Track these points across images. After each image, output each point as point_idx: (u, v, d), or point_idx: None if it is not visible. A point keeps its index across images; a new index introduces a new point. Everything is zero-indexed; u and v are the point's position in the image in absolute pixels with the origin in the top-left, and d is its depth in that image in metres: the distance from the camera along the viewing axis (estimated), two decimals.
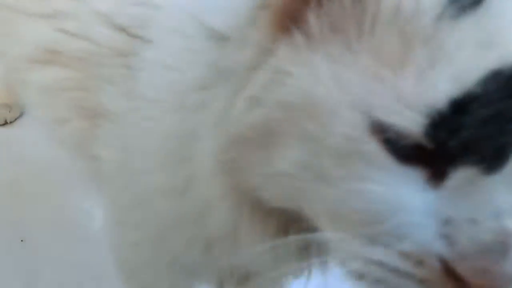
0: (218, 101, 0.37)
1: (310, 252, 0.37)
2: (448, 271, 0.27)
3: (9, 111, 1.23)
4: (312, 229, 0.34)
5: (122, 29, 0.52)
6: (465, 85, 0.26)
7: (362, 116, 0.28)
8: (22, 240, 0.98)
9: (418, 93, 0.27)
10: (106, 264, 0.70)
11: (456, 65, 0.27)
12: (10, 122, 1.24)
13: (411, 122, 0.27)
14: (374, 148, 0.28)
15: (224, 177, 0.37)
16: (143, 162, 0.48)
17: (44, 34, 0.58)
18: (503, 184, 0.26)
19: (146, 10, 0.51)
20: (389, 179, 0.28)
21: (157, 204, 0.48)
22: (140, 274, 0.61)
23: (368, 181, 0.28)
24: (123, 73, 0.51)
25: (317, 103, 0.30)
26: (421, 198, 0.28)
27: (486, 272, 0.26)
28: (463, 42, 0.27)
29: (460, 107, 0.26)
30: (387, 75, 0.28)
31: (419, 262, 0.27)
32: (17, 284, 0.91)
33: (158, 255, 0.54)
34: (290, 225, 0.37)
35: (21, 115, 1.24)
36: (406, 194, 0.28)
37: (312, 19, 0.31)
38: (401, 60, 0.28)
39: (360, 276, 0.30)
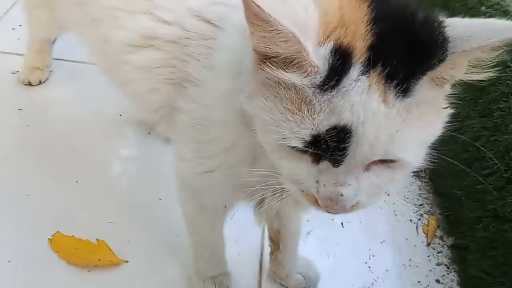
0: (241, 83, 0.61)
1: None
2: (315, 201, 0.56)
3: (42, 73, 1.50)
4: None
5: (207, 21, 0.73)
6: (320, 130, 0.51)
7: (279, 136, 0.54)
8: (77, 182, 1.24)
9: (298, 129, 0.52)
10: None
11: (317, 119, 0.51)
12: (43, 82, 1.51)
13: (295, 142, 0.52)
14: (286, 148, 0.54)
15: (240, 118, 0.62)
16: (215, 111, 0.71)
17: (143, 24, 0.78)
18: (341, 172, 0.53)
19: (224, 8, 0.72)
20: (297, 161, 0.56)
21: (224, 137, 0.71)
22: (207, 196, 0.84)
23: (288, 161, 0.56)
24: (205, 52, 0.72)
25: (265, 119, 0.55)
26: (308, 169, 0.55)
27: (328, 206, 0.55)
28: (316, 108, 0.51)
29: (319, 138, 0.51)
30: (287, 115, 0.53)
31: (307, 194, 0.57)
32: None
33: (227, 178, 0.76)
34: None
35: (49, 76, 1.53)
36: (303, 167, 0.56)
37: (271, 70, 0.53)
38: (295, 109, 0.52)
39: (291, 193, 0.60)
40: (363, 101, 0.49)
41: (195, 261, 1.05)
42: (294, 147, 0.53)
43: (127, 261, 1.09)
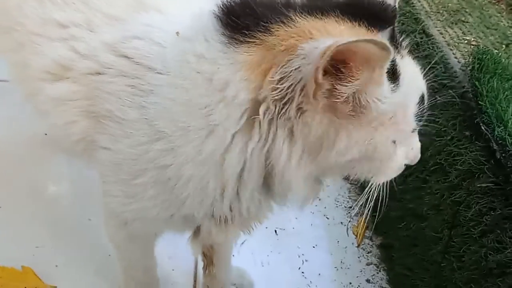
0: (286, 150, 0.58)
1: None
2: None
3: None
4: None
5: (125, 57, 0.67)
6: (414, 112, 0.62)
7: (393, 143, 0.62)
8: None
9: (408, 127, 0.63)
10: None
11: (412, 108, 0.61)
12: None
13: (405, 138, 0.64)
14: (392, 149, 0.62)
15: (311, 178, 0.65)
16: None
17: (60, 52, 0.72)
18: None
19: (145, 44, 0.66)
20: (395, 150, 0.63)
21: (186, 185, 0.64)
22: (138, 226, 0.79)
23: (395, 157, 0.63)
24: (128, 90, 0.66)
25: (377, 147, 0.59)
26: (400, 149, 0.64)
27: (414, 161, 0.70)
28: (407, 96, 0.60)
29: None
30: (395, 126, 0.60)
31: (400, 168, 0.68)
32: None
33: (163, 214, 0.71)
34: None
35: None
36: (398, 151, 0.63)
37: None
38: (397, 119, 0.60)
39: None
40: (413, 67, 0.66)
41: (125, 284, 1.03)
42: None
43: (55, 287, 1.06)
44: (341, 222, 1.34)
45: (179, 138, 0.61)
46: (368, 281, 1.21)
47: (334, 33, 0.55)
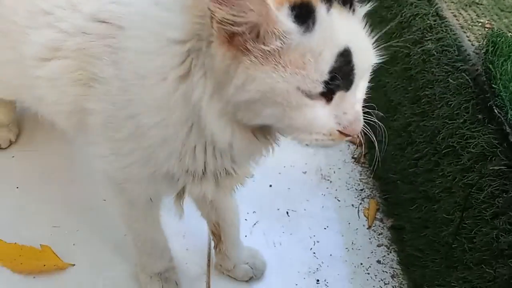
0: (201, 86, 0.63)
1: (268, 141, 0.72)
2: (341, 132, 0.62)
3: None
4: (268, 132, 0.70)
5: (102, 21, 0.75)
6: (330, 66, 0.58)
7: (297, 90, 0.59)
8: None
9: (316, 75, 0.58)
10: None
11: (324, 56, 0.58)
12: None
13: (318, 86, 0.59)
14: (305, 99, 0.59)
15: (226, 117, 0.64)
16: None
17: (49, 37, 0.80)
18: (352, 92, 0.62)
19: (117, 7, 0.74)
20: (313, 108, 0.60)
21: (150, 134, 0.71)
22: (130, 188, 0.86)
23: (304, 111, 0.60)
24: (106, 50, 0.74)
25: (276, 90, 0.58)
26: (325, 110, 0.61)
27: (356, 128, 0.63)
28: (317, 50, 0.58)
29: (334, 70, 0.58)
30: (300, 72, 0.58)
31: (331, 134, 0.63)
32: None
33: (145, 170, 0.78)
34: (256, 132, 0.68)
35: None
36: (320, 111, 0.61)
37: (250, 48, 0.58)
38: (302, 63, 0.58)
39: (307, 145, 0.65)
40: (345, 24, 0.61)
41: (139, 258, 1.07)
42: (317, 92, 0.59)
43: (74, 265, 1.09)
44: (352, 205, 1.35)
45: (139, 87, 0.69)
46: (379, 262, 1.23)
47: None
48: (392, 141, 1.30)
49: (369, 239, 1.28)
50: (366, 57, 0.63)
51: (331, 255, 1.22)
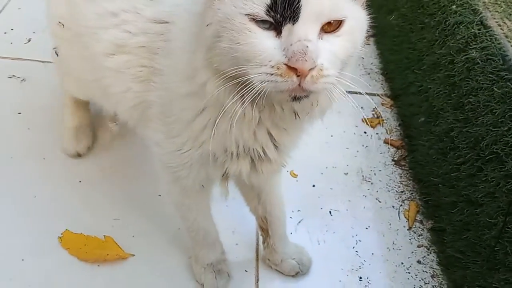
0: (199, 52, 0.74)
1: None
2: (288, 67, 0.63)
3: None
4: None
5: (160, 21, 0.89)
6: None
7: (245, 16, 0.65)
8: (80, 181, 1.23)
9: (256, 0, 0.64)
10: None
11: None
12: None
13: (260, 11, 0.64)
14: (251, 25, 0.65)
15: (209, 66, 0.73)
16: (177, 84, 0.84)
17: (115, 36, 0.94)
18: (299, 27, 0.63)
19: (168, 7, 0.89)
20: (260, 36, 0.65)
21: (187, 108, 0.84)
22: (184, 174, 0.95)
23: (251, 37, 0.65)
24: (162, 45, 0.88)
25: (228, 15, 0.66)
26: (273, 42, 0.65)
27: (299, 60, 0.62)
28: None
29: (274, 2, 0.63)
30: None
31: (279, 67, 0.63)
32: None
33: (195, 151, 0.88)
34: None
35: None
36: (268, 41, 0.65)
37: None
38: None
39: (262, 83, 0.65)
40: None
41: (193, 249, 1.15)
42: (259, 18, 0.64)
43: (133, 255, 1.18)
44: (393, 206, 1.40)
45: (172, 76, 0.84)
46: (419, 262, 1.27)
47: None
48: (434, 145, 1.35)
49: (409, 239, 1.32)
50: (319, 3, 0.64)
51: (372, 254, 1.27)
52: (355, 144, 1.56)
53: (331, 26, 0.66)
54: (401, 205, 1.40)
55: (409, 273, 1.25)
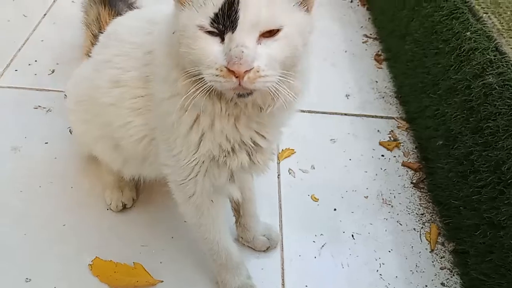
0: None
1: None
2: (228, 69, 0.73)
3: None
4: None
5: (147, 53, 0.98)
6: (217, 7, 0.73)
7: (196, 26, 0.75)
8: (107, 209, 1.16)
9: (205, 12, 0.74)
10: None
11: (215, 2, 0.74)
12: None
13: (206, 24, 0.74)
14: (201, 33, 0.75)
15: (177, 67, 0.84)
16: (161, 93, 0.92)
17: (109, 74, 1.04)
18: (239, 36, 0.72)
19: (153, 38, 0.96)
20: (208, 43, 0.75)
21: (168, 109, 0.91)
22: (191, 186, 1.01)
23: (201, 44, 0.75)
24: (151, 71, 0.97)
25: (185, 25, 0.77)
26: (218, 47, 0.75)
27: (235, 63, 0.72)
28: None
29: (218, 13, 0.73)
30: (198, 10, 0.75)
31: (221, 70, 0.73)
32: None
33: (193, 158, 0.95)
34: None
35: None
36: (214, 46, 0.75)
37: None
38: (202, 3, 0.75)
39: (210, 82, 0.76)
40: None
41: (218, 274, 1.18)
42: (205, 28, 0.75)
43: (162, 281, 1.20)
44: (414, 228, 1.42)
45: (157, 87, 0.93)
46: (443, 284, 1.29)
47: None
48: (453, 168, 1.37)
49: (432, 262, 1.34)
50: (257, 11, 0.72)
51: (396, 277, 1.29)
52: (373, 167, 1.59)
53: (270, 33, 0.75)
54: (422, 227, 1.42)
55: None
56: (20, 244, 1.25)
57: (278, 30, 0.75)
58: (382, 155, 1.64)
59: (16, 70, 1.77)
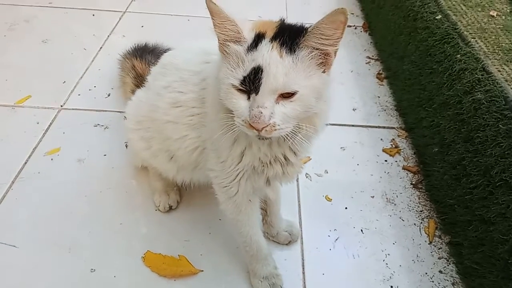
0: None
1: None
2: (250, 124, 0.78)
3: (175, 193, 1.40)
4: None
5: (203, 79, 1.01)
6: (246, 73, 0.78)
7: (230, 83, 0.80)
8: (155, 210, 1.32)
9: (237, 74, 0.79)
10: None
11: (245, 66, 0.79)
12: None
13: (237, 83, 0.79)
14: (233, 90, 0.80)
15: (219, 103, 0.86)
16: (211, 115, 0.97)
17: (169, 98, 1.07)
18: (260, 98, 0.77)
19: (208, 65, 1.01)
20: (238, 98, 0.80)
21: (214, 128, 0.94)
22: (233, 189, 1.03)
23: (236, 100, 0.80)
24: (205, 93, 1.00)
25: (220, 78, 0.82)
26: (245, 103, 0.80)
27: (254, 122, 0.77)
28: (245, 61, 0.79)
29: (245, 76, 0.78)
30: (232, 70, 0.80)
31: (246, 122, 0.79)
32: None
33: (237, 168, 0.99)
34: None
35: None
36: (242, 102, 0.80)
37: (225, 50, 0.82)
38: (236, 65, 0.79)
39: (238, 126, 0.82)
40: (268, 54, 0.77)
41: (250, 264, 1.19)
42: (235, 86, 0.79)
43: (202, 270, 1.22)
44: (414, 224, 1.40)
45: (210, 109, 0.97)
46: (440, 272, 1.27)
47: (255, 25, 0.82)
48: (448, 172, 1.36)
49: (431, 252, 1.32)
50: (276, 79, 0.77)
51: (400, 265, 1.28)
52: (378, 171, 1.58)
53: (288, 94, 0.78)
54: (421, 222, 1.41)
55: (432, 281, 1.25)
56: (85, 240, 1.28)
57: (294, 93, 0.78)
58: (385, 160, 1.63)
59: (79, 95, 1.81)
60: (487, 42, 1.41)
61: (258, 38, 0.79)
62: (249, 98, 0.79)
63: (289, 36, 0.78)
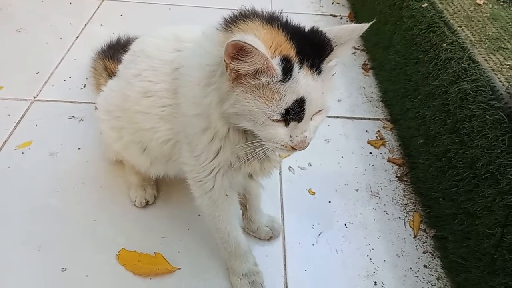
0: (213, 96, 0.82)
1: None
2: (292, 147, 0.81)
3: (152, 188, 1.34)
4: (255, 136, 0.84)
5: (175, 69, 0.95)
6: (288, 105, 0.76)
7: (266, 117, 0.77)
8: (131, 206, 1.12)
9: (276, 108, 0.76)
10: None
11: (286, 98, 0.75)
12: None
13: (277, 116, 0.77)
14: (269, 121, 0.77)
15: (223, 118, 0.83)
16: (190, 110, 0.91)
17: (140, 87, 1.01)
18: (302, 124, 0.79)
19: (180, 56, 0.95)
20: (275, 127, 0.78)
21: (192, 124, 0.91)
22: (209, 186, 0.99)
23: (273, 130, 0.78)
24: (178, 84, 0.93)
25: (250, 111, 0.77)
26: (283, 130, 0.79)
27: (301, 147, 0.80)
28: (283, 93, 0.75)
29: (287, 111, 0.76)
30: (267, 103, 0.75)
31: (286, 146, 0.80)
32: None
33: (213, 162, 0.94)
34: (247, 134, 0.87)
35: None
36: (280, 129, 0.79)
37: (244, 82, 0.76)
38: (271, 98, 0.75)
39: (274, 149, 0.83)
40: (305, 82, 0.76)
41: (229, 261, 1.14)
42: (275, 119, 0.77)
43: (180, 268, 1.16)
44: (399, 217, 1.37)
45: (185, 102, 0.91)
46: (425, 266, 1.24)
47: (255, 33, 0.75)
48: (433, 164, 1.32)
49: (416, 247, 1.29)
50: (316, 104, 0.78)
51: (384, 260, 1.25)
52: (362, 164, 1.54)
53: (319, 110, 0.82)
54: (406, 216, 1.37)
55: (417, 276, 1.22)
56: (56, 238, 1.21)
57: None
58: (370, 153, 1.59)
59: (53, 86, 1.74)
60: (473, 30, 1.37)
61: (286, 65, 0.74)
62: (287, 125, 0.79)
63: (313, 54, 0.77)
